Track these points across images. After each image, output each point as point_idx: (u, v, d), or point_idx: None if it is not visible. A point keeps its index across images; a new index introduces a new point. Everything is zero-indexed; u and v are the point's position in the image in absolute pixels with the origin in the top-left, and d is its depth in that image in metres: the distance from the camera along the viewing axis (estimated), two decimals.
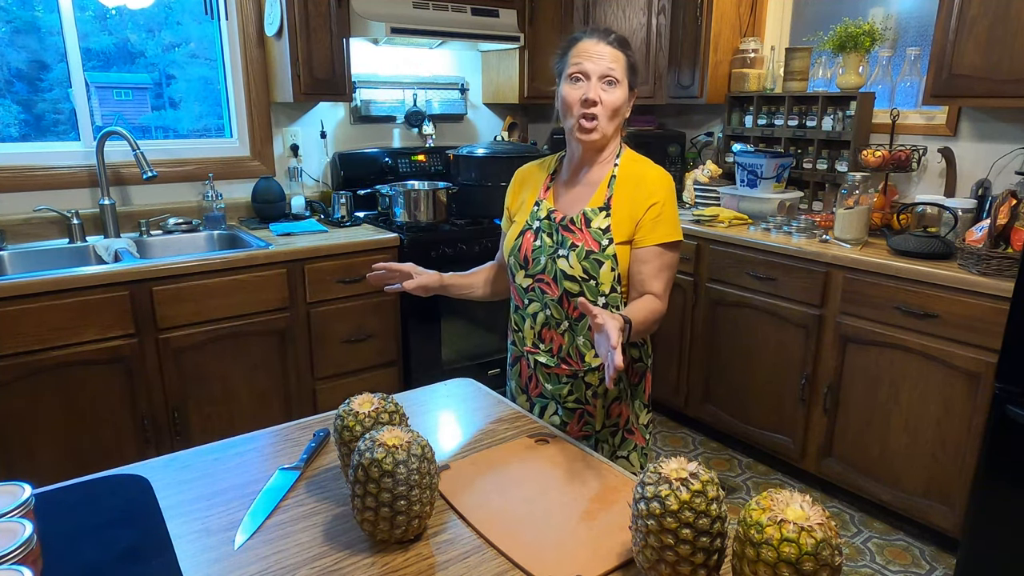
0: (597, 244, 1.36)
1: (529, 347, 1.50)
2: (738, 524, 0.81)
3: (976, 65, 2.25)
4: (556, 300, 1.41)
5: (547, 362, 1.47)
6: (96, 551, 0.94)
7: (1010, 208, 2.11)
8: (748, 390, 2.81)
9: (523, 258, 1.44)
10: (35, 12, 2.57)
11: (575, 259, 1.37)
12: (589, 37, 1.36)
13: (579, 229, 1.39)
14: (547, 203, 1.46)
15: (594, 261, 1.36)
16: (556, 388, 1.48)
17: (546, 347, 1.46)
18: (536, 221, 1.44)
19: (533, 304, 1.46)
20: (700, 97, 3.20)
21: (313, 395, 2.71)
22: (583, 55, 1.34)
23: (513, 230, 1.49)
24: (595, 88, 1.33)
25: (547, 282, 1.42)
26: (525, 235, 1.45)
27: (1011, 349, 1.85)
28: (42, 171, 2.59)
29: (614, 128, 1.39)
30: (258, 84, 2.98)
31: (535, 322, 1.46)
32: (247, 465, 1.19)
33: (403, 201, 2.90)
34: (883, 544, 2.42)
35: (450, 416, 1.41)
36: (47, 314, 2.12)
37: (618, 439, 1.51)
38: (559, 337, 1.44)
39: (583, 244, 1.37)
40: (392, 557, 0.95)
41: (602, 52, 1.34)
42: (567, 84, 1.36)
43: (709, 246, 2.85)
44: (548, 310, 1.43)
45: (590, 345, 1.41)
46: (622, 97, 1.36)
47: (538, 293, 1.44)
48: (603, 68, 1.33)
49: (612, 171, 1.42)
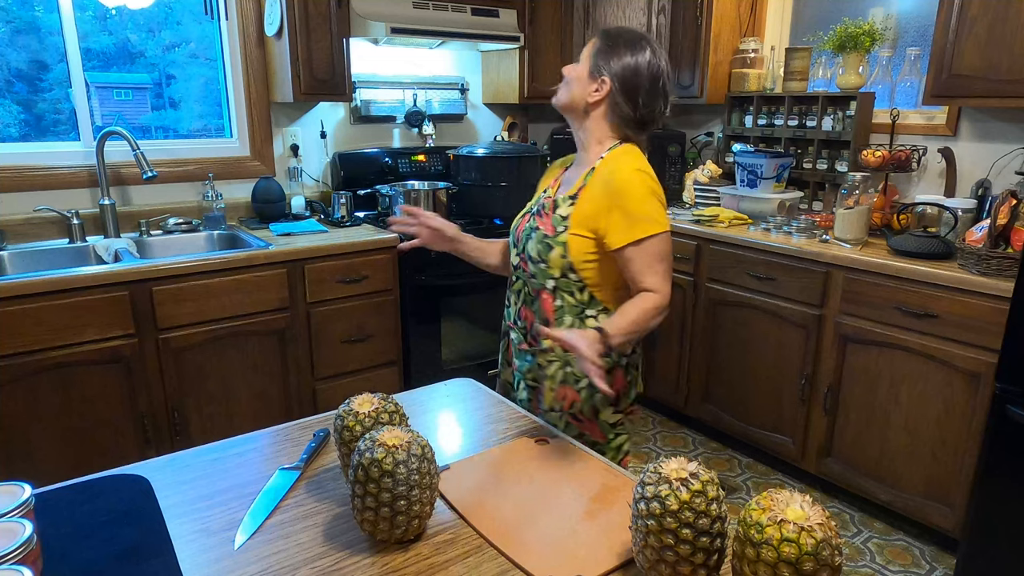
0: (552, 229, 1.43)
1: (510, 323, 1.58)
2: (738, 524, 0.81)
3: (976, 65, 2.25)
4: (527, 277, 1.50)
5: (515, 337, 1.56)
6: (96, 551, 0.94)
7: (1010, 208, 2.11)
8: (748, 390, 2.81)
9: (515, 238, 1.54)
10: (35, 12, 2.57)
11: (533, 242, 1.45)
12: None
13: (547, 214, 1.46)
14: (551, 190, 1.53)
15: (545, 244, 1.43)
16: (520, 364, 1.55)
17: (521, 324, 1.54)
18: (536, 206, 1.53)
19: (518, 282, 1.54)
20: (700, 97, 3.20)
21: (313, 395, 2.71)
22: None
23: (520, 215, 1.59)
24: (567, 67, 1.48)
25: (524, 260, 1.51)
26: (524, 217, 1.54)
27: (1011, 349, 1.85)
28: (42, 171, 2.59)
29: (572, 96, 1.45)
30: (258, 84, 2.98)
31: (518, 298, 1.54)
32: (247, 465, 1.19)
33: (403, 201, 2.90)
34: (883, 544, 2.42)
35: (450, 416, 1.41)
36: (47, 314, 2.12)
37: (563, 423, 1.48)
38: (530, 314, 1.51)
39: (543, 228, 1.45)
40: (392, 557, 0.95)
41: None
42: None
43: (709, 246, 2.85)
44: (527, 287, 1.51)
45: (542, 324, 1.48)
46: (581, 72, 1.44)
47: (521, 272, 1.52)
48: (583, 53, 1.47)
49: (595, 164, 1.45)
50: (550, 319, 1.47)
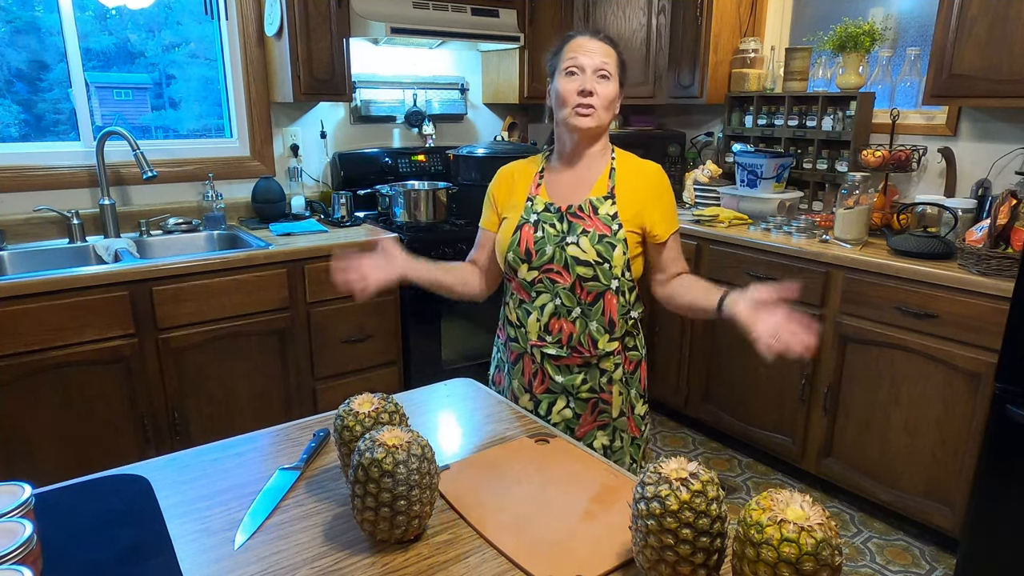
0: (608, 228, 1.41)
1: (534, 340, 1.48)
2: (738, 524, 0.81)
3: (976, 65, 2.25)
4: (568, 288, 1.42)
5: (557, 353, 1.46)
6: (96, 551, 0.94)
7: (1010, 208, 2.11)
8: (748, 390, 2.81)
9: (524, 251, 1.44)
10: (35, 12, 2.57)
11: (587, 243, 1.40)
12: (582, 35, 1.42)
13: (587, 216, 1.42)
14: (541, 197, 1.47)
15: (607, 244, 1.40)
16: (568, 379, 1.47)
17: (554, 338, 1.46)
18: (533, 215, 1.45)
19: (542, 296, 1.45)
20: (700, 97, 3.20)
21: (313, 395, 2.71)
22: (578, 50, 1.39)
23: (507, 227, 1.48)
24: (591, 80, 1.38)
25: (557, 271, 1.42)
26: (523, 229, 1.45)
27: (1011, 349, 1.85)
28: (42, 171, 2.59)
29: (609, 119, 1.43)
30: (258, 84, 2.98)
31: (542, 314, 1.46)
32: (247, 465, 1.19)
33: (403, 201, 2.90)
34: (883, 544, 2.42)
35: (450, 416, 1.41)
36: (47, 314, 2.12)
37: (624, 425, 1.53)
38: (569, 325, 1.44)
39: (594, 229, 1.41)
40: (392, 557, 0.95)
41: (595, 48, 1.39)
42: (563, 78, 1.40)
43: (709, 246, 2.84)
44: (559, 299, 1.44)
45: (604, 330, 1.44)
46: (615, 90, 1.41)
47: (547, 284, 1.44)
48: (597, 62, 1.38)
49: (611, 164, 1.47)
50: (615, 321, 1.44)
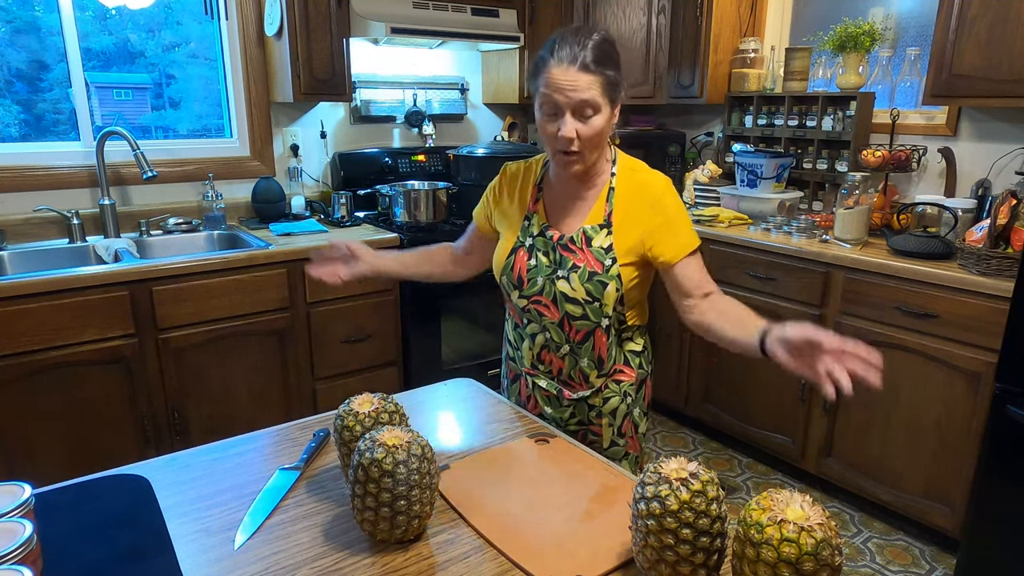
0: (600, 264, 1.29)
1: (528, 368, 1.45)
2: (738, 524, 0.81)
3: (976, 65, 2.25)
4: (556, 323, 1.35)
5: (547, 387, 1.42)
6: (96, 551, 0.94)
7: (1010, 208, 2.11)
8: (748, 390, 2.81)
9: (517, 278, 1.37)
10: (35, 12, 2.57)
11: (577, 280, 1.30)
12: (557, 64, 1.18)
13: (579, 249, 1.31)
14: (538, 217, 1.37)
15: (598, 283, 1.29)
16: (557, 412, 1.43)
17: (545, 369, 1.42)
18: (529, 238, 1.37)
19: (531, 325, 1.40)
20: (700, 97, 3.20)
21: (313, 395, 2.71)
22: (552, 87, 1.19)
23: (503, 246, 1.41)
24: (569, 124, 1.20)
25: (545, 304, 1.34)
26: (518, 253, 1.37)
27: (1011, 349, 1.85)
28: (42, 171, 2.59)
29: (598, 152, 1.29)
30: (258, 84, 2.98)
31: (533, 343, 1.41)
32: (247, 465, 1.19)
33: (403, 201, 2.90)
34: (883, 544, 2.42)
35: (450, 416, 1.41)
36: (47, 314, 2.12)
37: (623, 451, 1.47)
38: (559, 360, 1.38)
39: (584, 265, 1.30)
40: (392, 557, 0.95)
41: (573, 81, 1.18)
42: (540, 113, 1.25)
43: (709, 246, 2.84)
44: (547, 332, 1.37)
45: (594, 366, 1.37)
46: (602, 121, 1.23)
47: (535, 315, 1.37)
48: (575, 101, 1.19)
49: (610, 182, 1.34)
50: (604, 358, 1.36)
